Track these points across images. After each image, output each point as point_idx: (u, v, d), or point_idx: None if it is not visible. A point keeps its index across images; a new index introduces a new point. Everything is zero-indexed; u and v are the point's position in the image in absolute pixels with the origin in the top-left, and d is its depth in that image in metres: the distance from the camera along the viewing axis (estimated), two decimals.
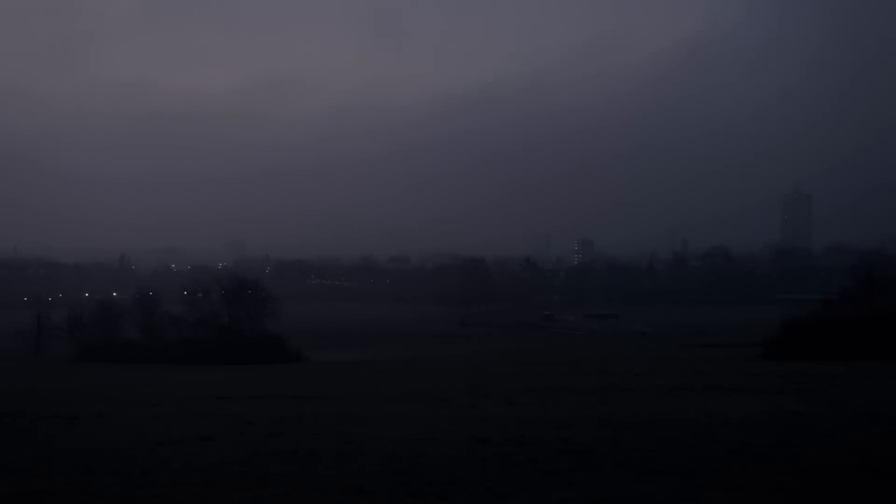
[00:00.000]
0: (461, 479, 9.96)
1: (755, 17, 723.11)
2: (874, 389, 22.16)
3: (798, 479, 9.65)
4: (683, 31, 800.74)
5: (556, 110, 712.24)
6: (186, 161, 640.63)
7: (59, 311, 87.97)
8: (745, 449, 11.82)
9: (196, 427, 15.74)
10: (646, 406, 18.66)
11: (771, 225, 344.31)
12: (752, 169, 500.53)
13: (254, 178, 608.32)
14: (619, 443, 12.68)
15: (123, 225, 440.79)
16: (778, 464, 10.64)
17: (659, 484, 9.53)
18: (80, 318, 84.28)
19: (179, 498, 9.21)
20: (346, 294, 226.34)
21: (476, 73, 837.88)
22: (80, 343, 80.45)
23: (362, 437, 13.84)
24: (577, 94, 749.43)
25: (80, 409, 19.57)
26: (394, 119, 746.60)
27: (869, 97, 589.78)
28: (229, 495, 9.27)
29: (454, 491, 9.29)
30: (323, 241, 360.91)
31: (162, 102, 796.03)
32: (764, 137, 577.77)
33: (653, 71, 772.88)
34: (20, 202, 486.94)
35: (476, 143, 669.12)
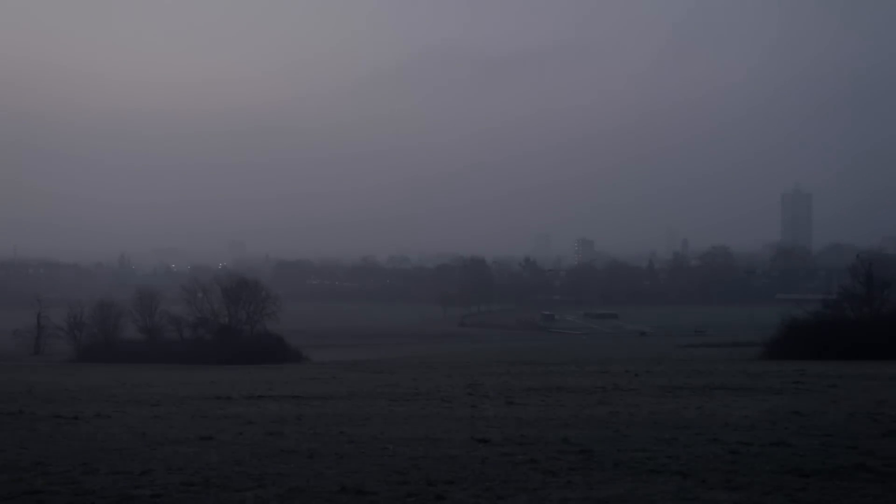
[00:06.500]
0: (461, 479, 9.96)
1: (755, 18, 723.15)
2: (874, 389, 22.18)
3: (797, 479, 9.65)
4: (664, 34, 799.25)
5: (557, 110, 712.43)
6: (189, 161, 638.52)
7: (59, 311, 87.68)
8: (745, 449, 11.83)
9: (196, 427, 15.76)
10: (646, 406, 18.70)
11: (771, 225, 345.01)
12: (753, 169, 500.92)
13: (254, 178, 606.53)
14: (619, 443, 12.68)
15: (123, 225, 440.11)
16: (778, 464, 10.64)
17: (659, 484, 9.54)
18: (80, 318, 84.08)
19: (179, 498, 9.22)
20: (346, 294, 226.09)
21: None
22: (80, 343, 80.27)
23: (362, 437, 13.86)
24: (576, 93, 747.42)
25: (80, 409, 19.59)
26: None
27: (870, 97, 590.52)
28: (229, 495, 9.27)
29: (454, 491, 9.29)
30: (323, 241, 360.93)
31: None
32: (764, 136, 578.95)
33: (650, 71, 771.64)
34: (21, 202, 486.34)
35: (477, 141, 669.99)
